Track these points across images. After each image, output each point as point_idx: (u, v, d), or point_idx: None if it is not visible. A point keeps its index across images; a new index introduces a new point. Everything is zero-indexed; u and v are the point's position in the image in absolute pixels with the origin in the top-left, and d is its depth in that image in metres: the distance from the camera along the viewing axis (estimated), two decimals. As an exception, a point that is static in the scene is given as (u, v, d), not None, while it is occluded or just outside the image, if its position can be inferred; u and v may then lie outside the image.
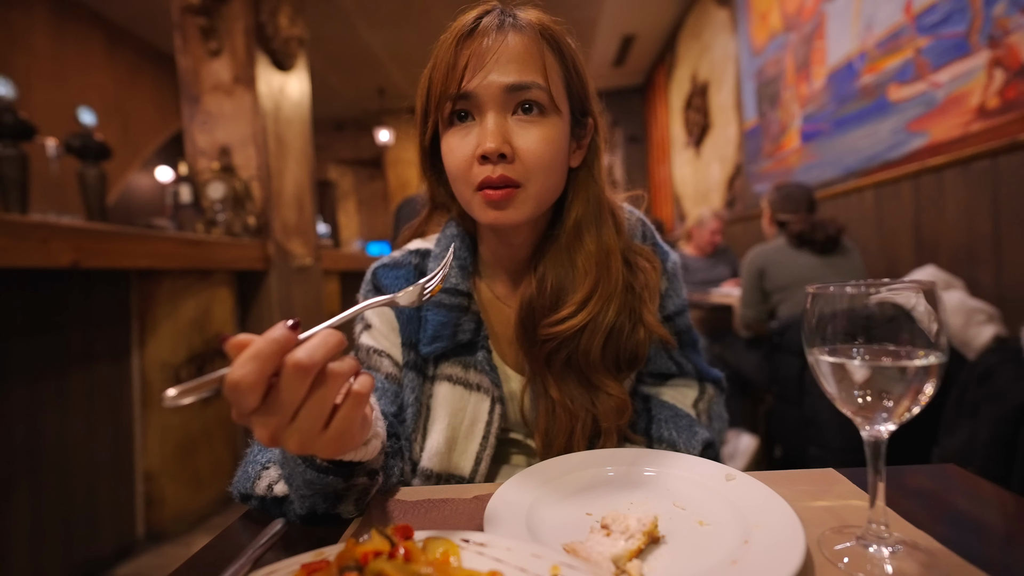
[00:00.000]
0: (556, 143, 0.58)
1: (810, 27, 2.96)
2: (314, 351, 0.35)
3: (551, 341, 0.61)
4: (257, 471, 0.53)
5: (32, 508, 1.55)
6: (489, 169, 0.56)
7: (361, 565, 0.34)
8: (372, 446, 0.46)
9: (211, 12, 2.60)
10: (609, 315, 0.62)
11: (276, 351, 0.34)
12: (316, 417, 0.36)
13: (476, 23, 0.57)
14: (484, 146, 0.55)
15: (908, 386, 0.38)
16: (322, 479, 0.46)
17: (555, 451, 0.63)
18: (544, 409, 0.64)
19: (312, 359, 0.34)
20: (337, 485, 0.47)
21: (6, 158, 1.70)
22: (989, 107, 1.79)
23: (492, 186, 0.56)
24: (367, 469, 0.48)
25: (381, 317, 0.69)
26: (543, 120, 0.57)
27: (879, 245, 2.38)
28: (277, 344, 0.34)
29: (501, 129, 0.56)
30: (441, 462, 0.64)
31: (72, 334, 1.72)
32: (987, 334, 1.51)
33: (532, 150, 0.56)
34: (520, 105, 0.57)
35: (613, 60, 6.27)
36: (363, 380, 0.38)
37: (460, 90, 0.56)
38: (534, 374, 0.64)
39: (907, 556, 0.39)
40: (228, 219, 2.52)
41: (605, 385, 0.63)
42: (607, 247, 0.63)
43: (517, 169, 0.56)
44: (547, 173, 0.58)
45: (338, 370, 0.36)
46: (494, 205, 0.57)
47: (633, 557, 0.40)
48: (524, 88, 0.56)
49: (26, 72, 3.97)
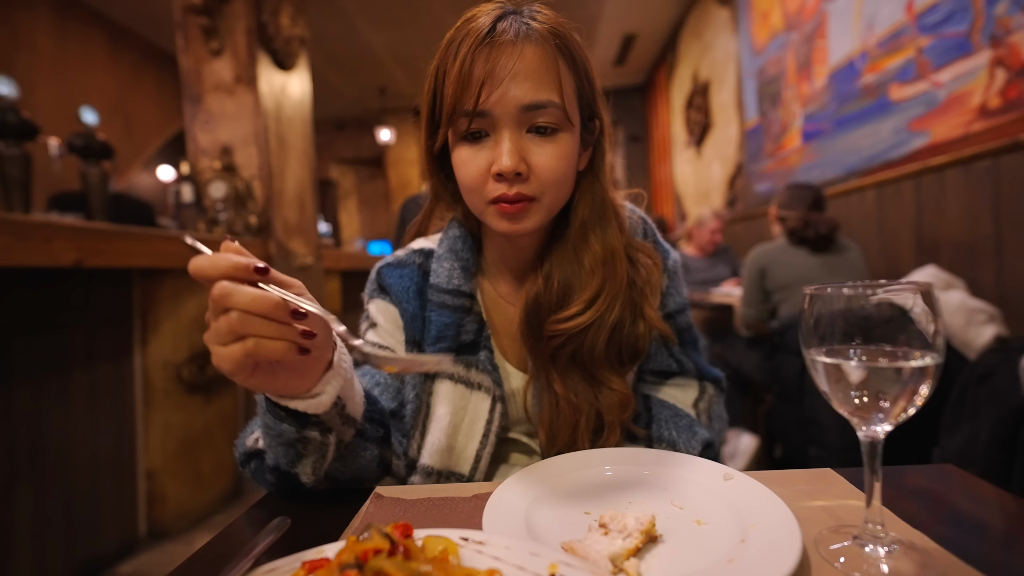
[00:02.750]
0: (568, 158, 0.59)
1: (811, 26, 2.96)
2: (209, 263, 0.40)
3: (558, 337, 0.62)
4: (252, 428, 0.59)
5: (35, 506, 1.56)
6: (505, 187, 0.57)
7: (361, 563, 0.34)
8: (320, 400, 0.48)
9: (213, 12, 2.60)
10: (615, 313, 0.63)
11: (225, 267, 0.40)
12: (221, 335, 0.40)
13: (491, 29, 0.56)
14: (501, 165, 0.55)
15: (904, 387, 0.38)
16: (277, 425, 0.50)
17: (559, 445, 0.63)
18: (548, 404, 0.64)
19: (197, 268, 0.40)
20: (290, 434, 0.50)
21: (9, 157, 1.71)
22: (990, 107, 1.79)
23: (508, 201, 0.57)
24: (319, 423, 0.51)
25: (386, 315, 0.70)
26: (557, 137, 0.58)
27: (880, 245, 2.38)
28: (231, 265, 0.40)
29: (517, 147, 0.56)
30: (441, 459, 0.64)
31: (74, 333, 1.72)
32: (988, 334, 1.51)
33: (547, 167, 0.57)
34: (535, 123, 0.57)
35: (614, 59, 6.26)
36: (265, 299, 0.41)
37: (476, 108, 0.55)
38: (538, 370, 0.65)
39: (903, 556, 0.39)
40: (230, 218, 2.53)
41: (608, 380, 0.64)
42: (612, 247, 0.64)
43: (532, 185, 0.57)
44: (560, 187, 0.60)
45: (226, 290, 0.39)
46: (509, 218, 0.58)
47: (631, 556, 0.40)
48: (541, 107, 0.56)
49: (29, 72, 3.98)
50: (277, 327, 0.41)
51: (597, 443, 0.64)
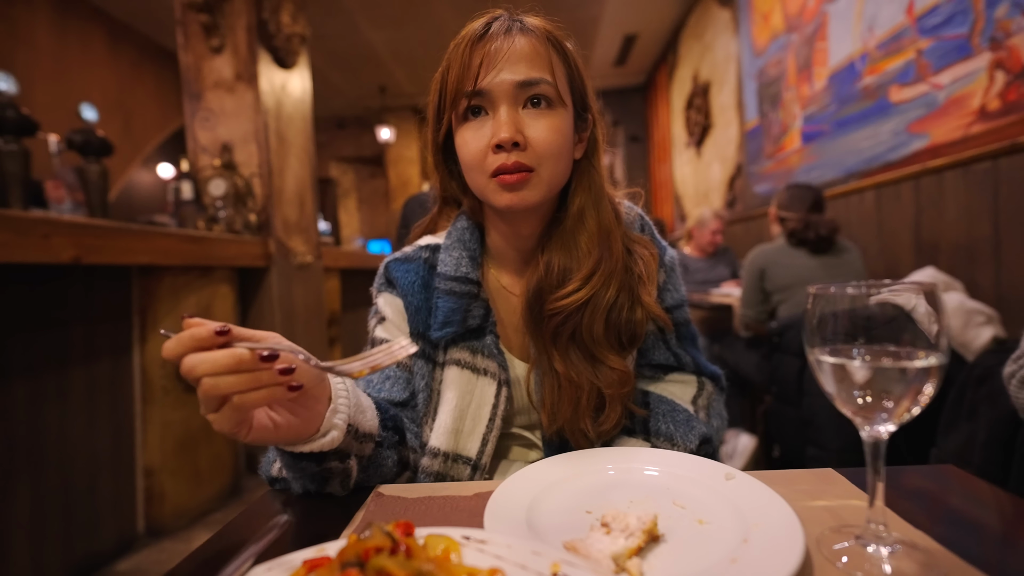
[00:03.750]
0: (563, 132, 0.62)
1: (812, 28, 2.96)
2: (174, 344, 0.42)
3: (557, 315, 0.64)
4: (274, 457, 0.62)
5: (33, 503, 1.56)
6: (504, 157, 0.60)
7: (363, 561, 0.34)
8: (332, 437, 0.51)
9: (213, 9, 2.60)
10: (610, 292, 0.65)
11: (188, 342, 0.42)
12: (207, 403, 0.43)
13: (486, 28, 0.62)
14: (499, 135, 0.59)
15: (908, 387, 0.38)
16: (296, 464, 0.53)
17: (560, 422, 0.64)
18: (549, 386, 0.66)
19: (167, 351, 0.42)
20: (311, 469, 0.53)
21: (8, 154, 1.70)
22: (990, 109, 1.79)
23: (507, 171, 0.60)
24: (336, 453, 0.53)
25: (393, 309, 0.72)
26: (551, 112, 0.62)
27: (879, 246, 2.38)
28: (191, 338, 0.42)
29: (514, 120, 0.60)
30: (448, 441, 0.66)
31: (73, 330, 1.72)
32: (986, 336, 1.51)
33: (543, 138, 0.61)
34: (530, 99, 0.61)
35: (615, 60, 6.26)
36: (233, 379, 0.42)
37: (475, 88, 0.60)
38: (539, 354, 0.67)
39: (905, 556, 0.39)
40: (229, 216, 2.53)
41: (607, 359, 0.65)
42: (608, 227, 0.67)
43: (529, 156, 0.61)
44: (556, 159, 0.62)
45: (191, 362, 0.41)
46: (509, 188, 0.61)
47: (633, 555, 0.40)
48: (534, 83, 0.60)
49: (28, 68, 3.97)
50: (249, 377, 0.42)
51: (598, 420, 0.65)
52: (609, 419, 0.65)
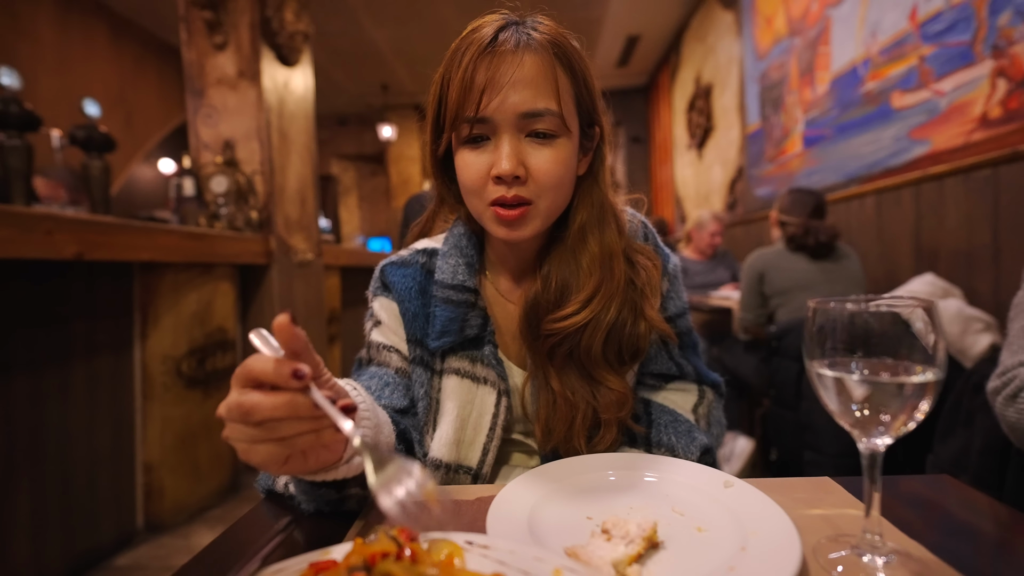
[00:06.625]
0: (566, 163, 0.61)
1: (815, 32, 2.96)
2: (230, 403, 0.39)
3: (554, 336, 0.63)
4: None
5: (33, 498, 1.56)
6: (504, 189, 0.59)
7: (369, 566, 0.35)
8: (355, 463, 0.48)
9: (217, 6, 2.60)
10: (611, 313, 0.64)
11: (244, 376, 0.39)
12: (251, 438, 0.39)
13: (493, 39, 0.58)
14: (500, 168, 0.58)
15: (905, 402, 0.39)
16: (314, 491, 0.51)
17: (554, 441, 0.64)
18: (545, 401, 0.65)
19: (224, 407, 0.39)
20: (330, 495, 0.51)
21: (11, 149, 1.70)
22: (991, 117, 1.80)
23: (506, 205, 0.59)
24: (357, 481, 0.51)
25: (389, 313, 0.71)
26: (554, 142, 0.60)
27: (879, 252, 2.39)
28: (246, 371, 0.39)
29: (516, 151, 0.58)
30: (450, 452, 0.65)
31: (75, 326, 1.72)
32: (984, 343, 1.52)
33: (544, 170, 0.59)
34: (533, 129, 0.59)
35: (617, 60, 6.26)
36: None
37: (477, 114, 0.58)
38: (536, 367, 0.66)
39: (900, 566, 0.40)
40: (231, 213, 2.53)
41: (606, 379, 0.65)
42: (610, 249, 0.65)
43: (530, 188, 0.59)
44: (556, 190, 0.61)
45: (250, 405, 0.38)
46: (508, 225, 0.60)
47: (633, 562, 0.41)
48: (538, 116, 0.58)
49: (31, 63, 3.96)
50: (311, 424, 0.40)
51: (593, 440, 0.65)
52: (604, 440, 0.64)
